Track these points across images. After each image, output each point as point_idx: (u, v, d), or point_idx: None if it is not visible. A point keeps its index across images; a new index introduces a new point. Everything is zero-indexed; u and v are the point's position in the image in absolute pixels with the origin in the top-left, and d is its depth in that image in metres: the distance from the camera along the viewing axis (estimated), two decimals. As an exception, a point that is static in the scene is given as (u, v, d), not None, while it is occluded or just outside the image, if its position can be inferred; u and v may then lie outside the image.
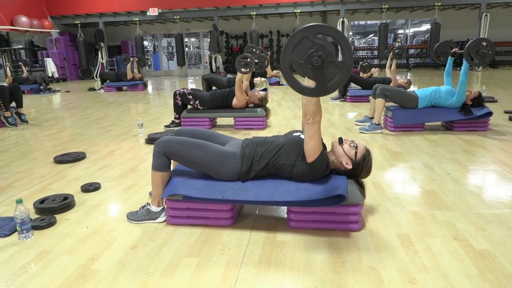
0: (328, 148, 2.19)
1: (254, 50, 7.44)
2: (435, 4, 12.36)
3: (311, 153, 1.94)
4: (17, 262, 1.82)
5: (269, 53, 10.41)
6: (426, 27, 17.38)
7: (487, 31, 12.28)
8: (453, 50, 4.44)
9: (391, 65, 6.20)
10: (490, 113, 4.19)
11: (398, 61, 6.21)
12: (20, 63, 10.64)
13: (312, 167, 1.97)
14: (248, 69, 4.33)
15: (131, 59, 10.05)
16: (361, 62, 7.89)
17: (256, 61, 4.55)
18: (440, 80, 8.23)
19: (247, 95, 4.77)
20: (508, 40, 14.29)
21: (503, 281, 1.56)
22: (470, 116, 4.15)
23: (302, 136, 2.11)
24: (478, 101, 4.24)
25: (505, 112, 5.26)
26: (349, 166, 2.03)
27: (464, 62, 4.02)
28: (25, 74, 10.16)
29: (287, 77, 1.64)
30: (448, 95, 4.23)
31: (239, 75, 4.39)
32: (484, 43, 3.87)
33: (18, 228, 2.02)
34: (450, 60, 4.44)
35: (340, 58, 1.59)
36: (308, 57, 1.58)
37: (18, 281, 1.67)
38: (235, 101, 4.59)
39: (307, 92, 1.69)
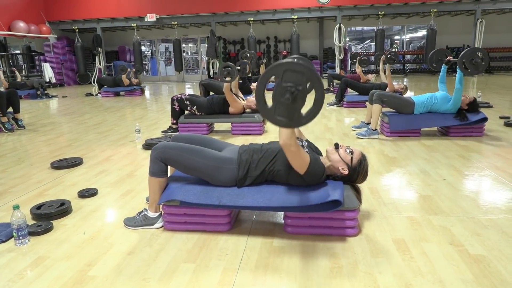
0: (324, 154, 2.20)
1: (249, 55, 7.48)
2: (431, 10, 12.47)
3: (299, 168, 1.96)
4: (13, 268, 1.82)
5: (264, 60, 10.45)
6: (422, 33, 17.52)
7: (483, 37, 12.38)
8: (447, 58, 4.50)
9: (384, 70, 6.25)
10: (485, 119, 4.23)
11: (392, 67, 6.23)
12: (13, 68, 10.63)
13: (307, 174, 1.98)
14: (231, 78, 4.38)
15: (128, 69, 10.12)
16: (359, 57, 7.82)
17: (238, 68, 4.62)
18: (436, 85, 8.31)
19: (243, 100, 4.79)
20: (503, 46, 14.41)
21: (498, 286, 1.58)
22: (466, 121, 4.19)
23: (299, 142, 2.13)
24: (473, 106, 4.28)
25: (500, 117, 5.30)
26: (345, 172, 2.05)
27: (459, 70, 4.06)
28: (19, 79, 10.14)
29: (259, 84, 1.62)
30: (443, 101, 4.27)
31: (225, 85, 4.44)
32: (479, 53, 3.92)
33: (14, 234, 2.02)
34: (444, 67, 4.51)
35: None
36: (291, 88, 1.57)
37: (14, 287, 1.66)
38: (231, 109, 4.62)
39: (261, 109, 1.67)
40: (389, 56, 6.01)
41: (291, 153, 1.88)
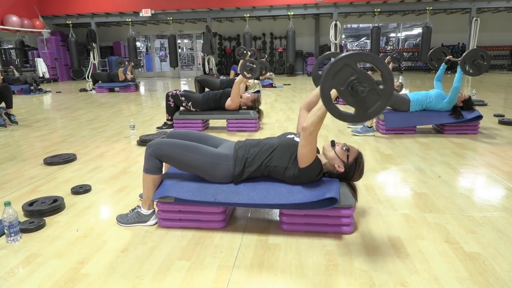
0: (320, 151, 2.19)
1: (245, 51, 7.36)
2: (427, 8, 12.49)
3: (302, 160, 1.94)
4: (4, 265, 1.79)
5: (266, 55, 10.19)
6: (417, 30, 17.54)
7: (478, 36, 12.44)
8: (447, 57, 4.52)
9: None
10: (480, 117, 4.24)
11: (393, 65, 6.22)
12: (11, 67, 10.56)
13: (304, 171, 1.97)
14: (252, 75, 4.45)
15: (126, 63, 10.04)
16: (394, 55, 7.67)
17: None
18: (431, 83, 8.30)
19: (241, 97, 4.77)
20: (497, 45, 14.50)
21: (493, 284, 1.58)
22: (461, 119, 4.20)
23: (296, 139, 2.11)
24: (468, 103, 4.29)
25: (495, 115, 5.32)
26: (341, 169, 2.04)
27: (459, 69, 4.07)
28: (16, 76, 10.08)
29: (327, 104, 1.67)
30: (438, 99, 4.27)
31: (239, 77, 4.47)
32: (481, 54, 3.91)
33: (6, 231, 1.99)
34: (443, 66, 4.52)
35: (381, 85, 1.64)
36: (349, 85, 1.61)
37: (5, 285, 1.64)
38: (229, 102, 4.58)
39: (347, 119, 1.73)
40: (395, 55, 5.99)
41: (307, 140, 1.87)
